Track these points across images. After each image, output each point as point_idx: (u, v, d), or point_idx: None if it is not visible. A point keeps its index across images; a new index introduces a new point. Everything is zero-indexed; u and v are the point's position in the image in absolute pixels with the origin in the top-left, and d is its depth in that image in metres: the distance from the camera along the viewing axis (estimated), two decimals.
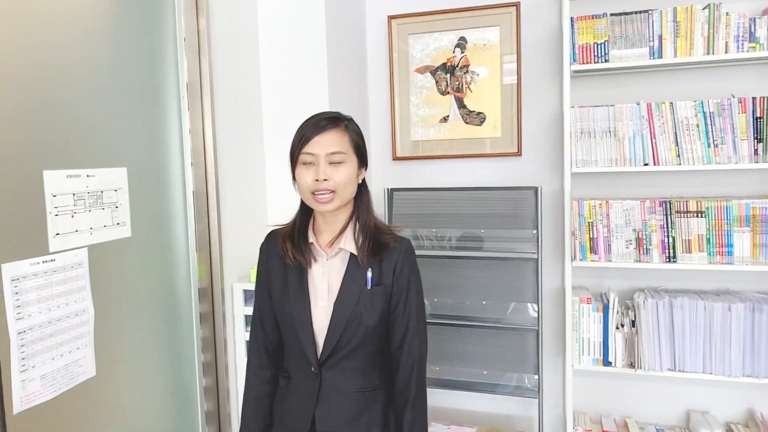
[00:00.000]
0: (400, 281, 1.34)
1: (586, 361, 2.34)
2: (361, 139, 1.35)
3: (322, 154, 1.27)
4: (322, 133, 1.28)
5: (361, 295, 1.31)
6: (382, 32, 2.68)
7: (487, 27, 2.55)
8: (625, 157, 2.25)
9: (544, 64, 2.49)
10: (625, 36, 2.23)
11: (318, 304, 1.33)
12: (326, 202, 1.27)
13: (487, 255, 2.47)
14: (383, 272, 1.33)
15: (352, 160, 1.30)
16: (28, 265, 1.26)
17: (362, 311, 1.30)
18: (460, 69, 2.60)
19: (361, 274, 1.32)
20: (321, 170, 1.26)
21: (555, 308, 2.56)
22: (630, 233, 2.26)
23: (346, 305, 1.31)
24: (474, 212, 2.52)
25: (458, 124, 2.62)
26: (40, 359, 1.29)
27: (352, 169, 1.30)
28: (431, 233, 2.55)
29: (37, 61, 1.32)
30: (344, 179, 1.28)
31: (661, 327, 2.24)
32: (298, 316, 1.32)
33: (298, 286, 1.34)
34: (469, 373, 2.54)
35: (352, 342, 1.31)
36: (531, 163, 2.54)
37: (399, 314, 1.35)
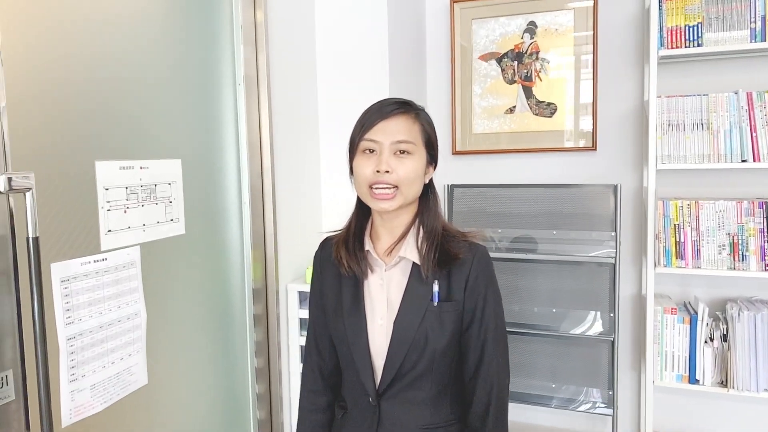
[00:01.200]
0: (473, 296, 1.11)
1: (668, 377, 2.12)
2: (434, 133, 1.15)
3: (387, 142, 1.07)
4: (388, 119, 1.08)
5: (426, 313, 1.09)
6: (443, 17, 2.50)
7: (560, 10, 2.34)
8: (720, 152, 2.01)
9: (624, 49, 2.27)
10: (722, 17, 2.00)
11: (376, 322, 1.12)
12: (386, 199, 1.07)
13: (558, 258, 2.27)
14: (453, 286, 1.11)
15: (420, 153, 1.10)
16: (78, 264, 1.15)
17: (428, 331, 1.09)
18: (529, 56, 2.41)
19: (426, 288, 1.11)
20: (384, 160, 1.06)
21: (632, 318, 2.34)
22: (723, 237, 2.03)
23: (408, 324, 1.10)
24: (544, 211, 2.32)
25: (526, 115, 2.43)
26: (90, 367, 1.18)
27: (420, 164, 1.09)
28: (496, 234, 2.37)
29: (92, 52, 1.21)
30: (410, 174, 1.07)
31: (759, 342, 2.00)
32: (353, 336, 1.12)
33: (353, 301, 1.14)
34: (536, 385, 2.35)
35: (417, 368, 1.09)
36: (607, 159, 2.32)
37: (473, 336, 1.12)
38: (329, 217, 2.16)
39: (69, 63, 1.16)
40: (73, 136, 1.17)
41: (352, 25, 2.08)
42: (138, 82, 1.33)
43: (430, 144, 1.13)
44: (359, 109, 2.16)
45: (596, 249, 2.23)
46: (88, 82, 1.20)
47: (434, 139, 1.15)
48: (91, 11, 1.21)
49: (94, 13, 1.22)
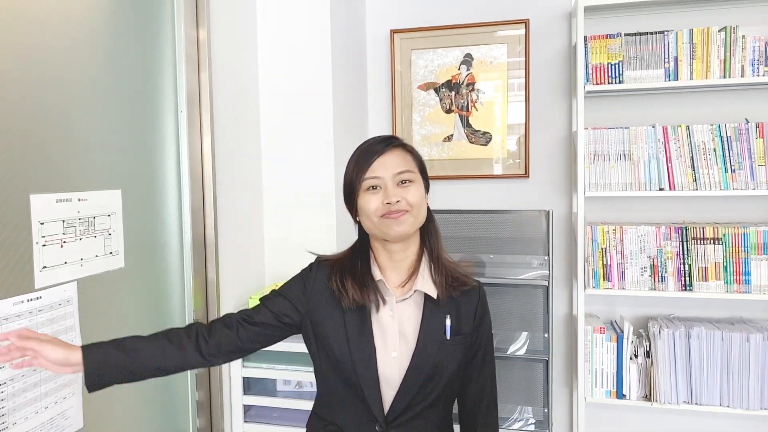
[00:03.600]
0: (481, 331, 1.22)
1: (598, 393, 2.23)
2: (422, 163, 1.22)
3: (389, 175, 1.12)
4: (384, 155, 1.14)
5: (440, 346, 1.16)
6: (384, 47, 2.57)
7: (495, 44, 2.46)
8: (640, 181, 2.17)
9: (554, 83, 2.41)
10: (640, 57, 2.17)
11: (389, 354, 1.15)
12: (400, 219, 1.10)
13: (494, 281, 2.35)
14: (462, 319, 1.19)
15: (419, 180, 1.16)
16: (10, 305, 1.08)
17: (442, 363, 1.15)
18: (465, 87, 2.51)
19: (440, 321, 1.16)
20: (390, 192, 1.10)
21: (564, 337, 2.45)
22: (645, 260, 2.18)
23: (427, 356, 1.14)
24: (481, 236, 2.41)
25: (463, 143, 2.52)
26: (22, 414, 1.11)
27: (422, 190, 1.16)
28: None
29: (23, 74, 1.15)
30: (417, 198, 1.13)
31: (678, 358, 2.15)
32: (362, 367, 1.13)
33: (360, 332, 1.15)
34: None
35: (429, 398, 1.16)
36: (539, 186, 2.45)
37: (476, 369, 1.23)
38: (272, 247, 2.14)
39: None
40: (5, 168, 1.11)
41: (295, 52, 2.10)
42: (75, 108, 1.29)
43: (424, 171, 1.21)
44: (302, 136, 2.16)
45: (530, 272, 2.34)
46: (19, 110, 1.14)
47: (425, 169, 1.22)
48: (21, 31, 1.16)
49: (23, 33, 1.16)
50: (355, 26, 2.45)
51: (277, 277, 2.12)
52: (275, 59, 2.10)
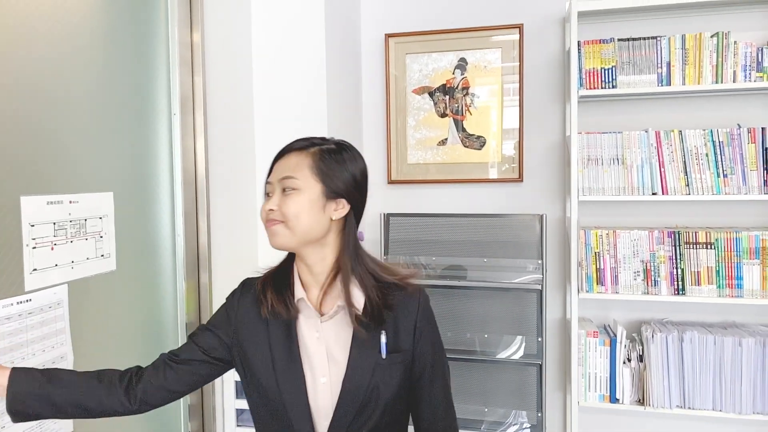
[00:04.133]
0: (422, 344, 1.08)
1: (592, 397, 2.24)
2: (340, 166, 1.05)
3: (275, 181, 1.04)
4: (281, 159, 1.06)
5: (375, 366, 1.04)
6: (378, 51, 2.57)
7: (489, 48, 2.47)
8: (633, 185, 2.18)
9: (548, 88, 2.42)
10: (633, 62, 2.18)
11: (318, 380, 1.05)
12: (272, 231, 1.02)
13: (488, 285, 2.36)
14: (400, 334, 1.06)
15: (311, 187, 1.02)
16: (0, 307, 1.08)
17: (379, 386, 1.04)
18: (459, 91, 2.51)
19: (373, 339, 1.05)
20: (271, 200, 1.03)
21: (558, 341, 2.46)
22: (638, 264, 2.19)
23: (359, 382, 1.03)
24: (474, 240, 2.41)
25: (457, 147, 2.53)
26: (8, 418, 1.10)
27: (309, 198, 1.01)
28: (430, 261, 2.43)
29: (14, 76, 1.15)
30: (292, 208, 1.00)
31: (671, 362, 2.16)
32: (290, 396, 1.03)
33: (287, 356, 1.05)
34: (469, 410, 2.41)
35: (368, 424, 1.04)
36: (533, 190, 2.45)
37: (425, 387, 1.09)
38: (265, 250, 2.13)
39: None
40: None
41: (289, 56, 2.10)
42: (67, 109, 1.28)
43: (326, 176, 1.03)
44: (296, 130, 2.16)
45: (524, 276, 2.34)
46: (10, 111, 1.14)
47: (337, 172, 1.04)
48: (13, 33, 1.15)
49: (15, 35, 1.16)
50: (350, 30, 2.46)
51: None
52: (269, 63, 2.10)
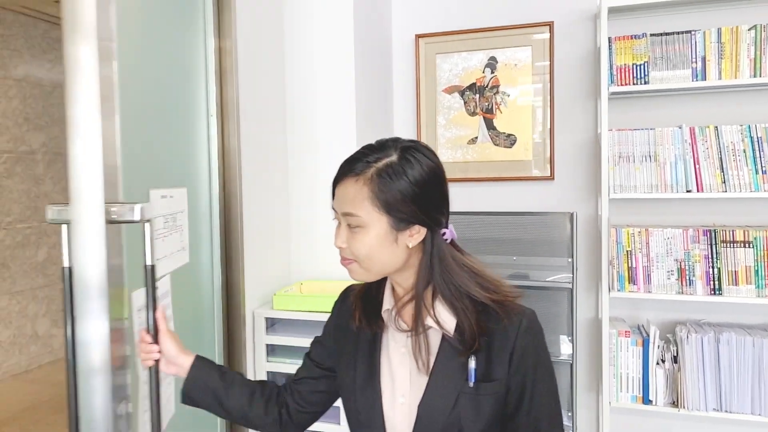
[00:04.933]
0: (520, 375, 0.91)
1: (624, 398, 2.20)
2: (401, 186, 0.89)
3: (340, 212, 0.93)
4: (339, 184, 0.93)
5: (459, 395, 0.90)
6: (409, 52, 2.61)
7: (519, 47, 2.47)
8: (667, 183, 2.14)
9: (578, 85, 2.40)
10: (666, 57, 2.14)
11: (396, 401, 0.95)
12: (350, 269, 0.95)
13: (518, 283, 2.35)
14: (494, 361, 0.91)
15: (376, 221, 0.89)
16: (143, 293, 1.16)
17: (461, 418, 0.90)
18: (489, 89, 2.52)
19: (461, 364, 0.92)
20: (339, 234, 0.93)
21: (589, 341, 2.43)
22: (671, 263, 2.14)
23: (437, 409, 0.91)
24: (504, 238, 2.41)
25: (487, 146, 2.53)
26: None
27: (377, 234, 0.90)
28: None
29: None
30: (362, 250, 0.90)
31: (706, 364, 2.10)
32: (366, 412, 0.95)
33: (367, 370, 0.97)
34: None
35: None
36: (564, 188, 2.43)
37: (522, 425, 0.92)
38: (298, 247, 2.20)
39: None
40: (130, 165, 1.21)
41: (319, 57, 2.16)
42: (144, 112, 1.40)
43: (390, 206, 0.89)
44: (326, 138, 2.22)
45: (554, 274, 2.32)
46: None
47: (399, 197, 0.89)
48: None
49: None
50: (381, 31, 2.50)
51: (301, 276, 2.17)
52: (300, 63, 2.17)
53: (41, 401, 3.59)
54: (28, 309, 4.22)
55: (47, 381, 3.99)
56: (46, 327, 4.38)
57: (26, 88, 4.20)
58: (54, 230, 4.43)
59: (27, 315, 4.21)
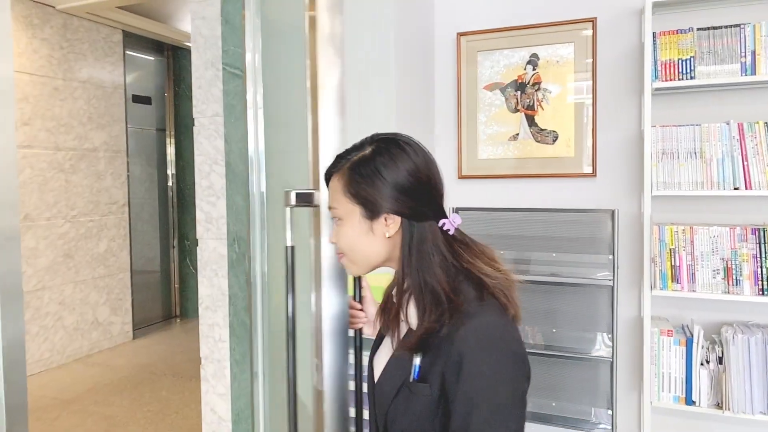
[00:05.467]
0: (450, 386, 0.87)
1: (666, 398, 2.17)
2: (374, 178, 0.92)
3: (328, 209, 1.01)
4: (327, 183, 1.01)
5: (402, 387, 0.92)
6: (450, 50, 2.64)
7: (561, 43, 2.46)
8: (713, 180, 2.10)
9: (622, 81, 2.37)
10: (714, 51, 2.10)
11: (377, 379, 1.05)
12: (342, 264, 1.02)
13: (558, 280, 2.36)
14: (436, 363, 0.89)
15: (350, 213, 0.94)
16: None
17: (397, 408, 0.93)
18: (531, 86, 2.52)
19: (411, 359, 0.92)
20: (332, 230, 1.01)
21: (630, 339, 2.40)
22: (717, 262, 2.10)
23: (384, 394, 0.96)
24: (544, 235, 2.42)
25: (529, 142, 2.54)
26: None
27: (354, 227, 0.94)
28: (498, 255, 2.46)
29: None
30: (343, 241, 0.96)
31: (753, 366, 2.05)
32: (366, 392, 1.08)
33: (373, 348, 1.09)
34: (537, 404, 2.42)
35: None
36: (606, 185, 2.41)
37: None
38: None
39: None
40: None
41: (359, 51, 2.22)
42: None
43: (362, 197, 0.92)
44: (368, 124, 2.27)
45: (595, 272, 2.31)
46: None
47: (372, 187, 0.92)
48: None
49: None
50: (423, 30, 2.55)
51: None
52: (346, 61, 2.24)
53: (102, 384, 3.83)
54: (89, 297, 4.49)
55: (106, 365, 4.24)
56: (106, 314, 4.64)
57: (90, 90, 4.46)
58: (113, 224, 4.69)
59: (89, 303, 4.48)
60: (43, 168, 4.10)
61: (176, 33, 5.13)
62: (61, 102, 4.23)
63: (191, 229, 5.51)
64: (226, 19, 2.19)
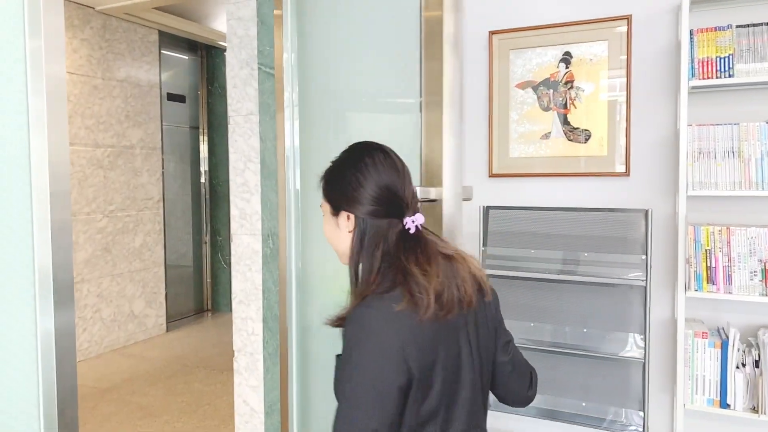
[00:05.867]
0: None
1: (699, 401, 2.14)
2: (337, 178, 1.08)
3: None
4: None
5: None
6: (482, 48, 2.64)
7: (595, 41, 2.44)
8: (751, 180, 2.06)
9: (657, 79, 2.34)
10: (754, 49, 2.06)
11: None
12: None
13: (590, 280, 2.34)
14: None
15: (325, 207, 1.11)
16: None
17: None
18: (564, 84, 2.51)
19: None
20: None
21: (663, 341, 2.37)
22: (755, 264, 2.06)
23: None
24: (576, 234, 2.40)
25: (561, 141, 2.52)
26: None
27: (327, 220, 1.11)
28: (529, 254, 2.46)
29: None
30: (325, 235, 1.12)
31: None
32: None
33: None
34: (567, 404, 2.41)
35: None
36: (640, 184, 2.39)
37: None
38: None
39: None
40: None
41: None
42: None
43: (328, 194, 1.09)
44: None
45: (627, 272, 2.29)
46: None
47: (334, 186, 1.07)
48: None
49: None
50: None
51: None
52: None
53: (137, 374, 3.94)
54: (126, 290, 4.62)
55: (142, 356, 4.36)
56: (141, 307, 4.77)
57: (127, 88, 4.59)
58: (149, 219, 4.81)
59: (125, 295, 4.61)
60: (83, 164, 4.23)
61: (210, 32, 5.23)
62: (100, 100, 4.36)
63: (223, 224, 5.62)
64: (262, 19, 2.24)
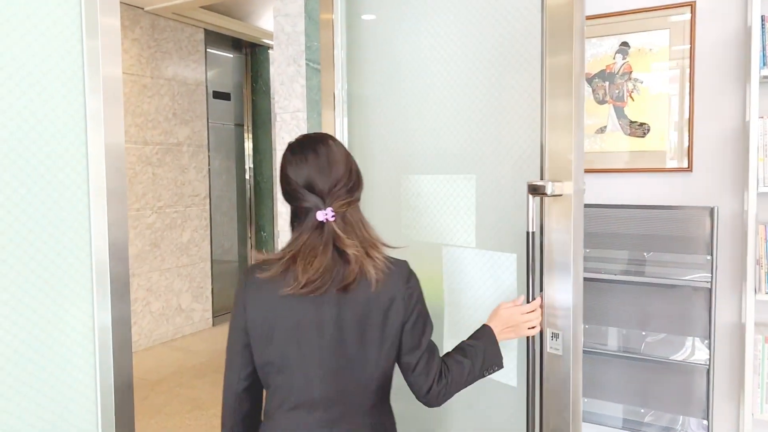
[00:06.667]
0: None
1: None
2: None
3: None
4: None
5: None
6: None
7: (655, 30, 2.32)
8: None
9: (723, 69, 2.21)
10: None
11: None
12: None
13: (650, 281, 2.23)
14: None
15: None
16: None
17: None
18: (620, 76, 2.40)
19: None
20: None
21: (729, 346, 2.24)
22: None
23: None
24: (635, 232, 2.29)
25: (617, 135, 2.41)
26: None
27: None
28: (585, 254, 2.36)
29: None
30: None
31: None
32: None
33: None
34: (623, 409, 2.31)
35: None
36: (704, 180, 2.26)
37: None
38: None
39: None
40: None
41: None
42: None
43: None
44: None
45: (691, 273, 2.17)
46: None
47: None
48: None
49: None
50: None
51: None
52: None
53: (185, 367, 4.02)
54: (174, 284, 4.72)
55: (189, 349, 4.45)
56: (188, 301, 4.87)
57: (174, 87, 4.68)
58: (195, 215, 4.90)
59: (173, 290, 4.72)
60: (133, 161, 4.33)
61: (254, 30, 5.28)
62: (149, 99, 4.46)
63: (267, 220, 5.67)
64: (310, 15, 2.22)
